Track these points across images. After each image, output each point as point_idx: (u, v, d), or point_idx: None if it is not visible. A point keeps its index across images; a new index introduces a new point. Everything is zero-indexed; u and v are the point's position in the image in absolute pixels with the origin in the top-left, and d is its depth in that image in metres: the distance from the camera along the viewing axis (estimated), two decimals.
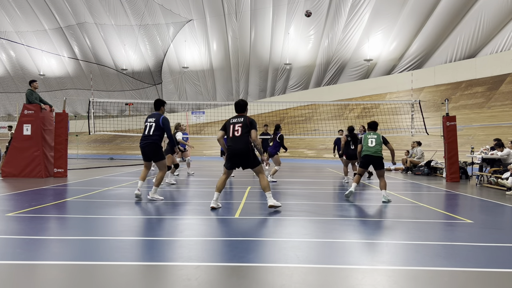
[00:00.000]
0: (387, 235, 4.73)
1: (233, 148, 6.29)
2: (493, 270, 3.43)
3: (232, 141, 6.32)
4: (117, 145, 36.05)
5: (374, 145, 8.33)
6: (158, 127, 7.13)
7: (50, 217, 5.57)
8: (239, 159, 6.33)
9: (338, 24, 27.42)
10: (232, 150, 6.30)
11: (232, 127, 6.38)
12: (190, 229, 4.98)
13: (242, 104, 6.58)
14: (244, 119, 6.41)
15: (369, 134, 8.63)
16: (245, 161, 6.33)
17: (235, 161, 6.36)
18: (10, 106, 40.94)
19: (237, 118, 6.49)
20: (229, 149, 6.37)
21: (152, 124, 7.17)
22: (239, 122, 6.39)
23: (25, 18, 37.40)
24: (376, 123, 8.71)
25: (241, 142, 6.27)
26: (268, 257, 3.77)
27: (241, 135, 6.29)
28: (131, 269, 3.37)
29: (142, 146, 7.19)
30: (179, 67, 36.06)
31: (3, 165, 11.74)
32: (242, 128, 6.31)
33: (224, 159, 8.07)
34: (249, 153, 6.30)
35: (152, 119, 7.21)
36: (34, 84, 12.00)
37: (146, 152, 7.18)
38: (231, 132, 6.35)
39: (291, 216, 5.86)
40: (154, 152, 7.16)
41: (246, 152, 6.27)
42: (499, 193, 8.99)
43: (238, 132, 6.31)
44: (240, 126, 6.34)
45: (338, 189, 9.58)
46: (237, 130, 6.33)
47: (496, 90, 20.14)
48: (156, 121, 7.16)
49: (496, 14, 21.28)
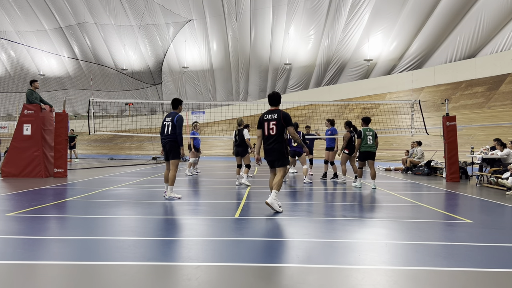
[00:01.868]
0: (387, 235, 4.73)
1: (268, 149, 6.18)
2: (493, 270, 3.43)
3: (266, 141, 6.18)
4: (117, 145, 36.05)
5: (372, 143, 9.56)
6: (175, 126, 7.38)
7: (50, 217, 5.57)
8: (272, 158, 6.20)
9: (338, 24, 27.42)
10: (267, 151, 6.21)
11: (266, 125, 6.19)
12: (190, 229, 4.98)
13: (277, 97, 6.29)
14: (278, 114, 6.14)
15: (366, 130, 9.60)
16: (277, 160, 6.19)
17: (268, 159, 6.26)
18: (10, 106, 40.95)
19: (270, 114, 6.22)
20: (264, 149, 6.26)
21: (169, 123, 7.42)
22: (272, 119, 6.16)
23: (25, 18, 37.40)
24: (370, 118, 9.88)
25: (276, 141, 6.11)
26: (268, 257, 3.76)
27: (276, 134, 6.12)
28: (131, 269, 3.37)
29: (163, 143, 7.46)
30: (179, 67, 36.06)
31: (3, 165, 11.74)
32: (277, 127, 6.10)
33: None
34: (282, 153, 6.15)
35: (169, 118, 7.46)
36: (35, 84, 11.99)
37: (166, 149, 7.43)
38: (266, 130, 6.18)
39: (291, 216, 5.85)
40: (172, 150, 7.38)
41: (280, 152, 6.13)
42: (499, 193, 8.99)
43: (273, 131, 6.12)
44: (274, 124, 6.12)
45: (338, 189, 9.58)
46: (272, 128, 6.13)
47: (496, 90, 20.15)
48: (173, 120, 7.41)
49: (496, 14, 21.28)
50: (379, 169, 17.12)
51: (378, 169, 17.19)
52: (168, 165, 7.50)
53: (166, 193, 7.47)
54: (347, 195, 8.49)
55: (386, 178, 13.01)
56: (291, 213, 6.10)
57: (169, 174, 7.39)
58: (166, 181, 7.51)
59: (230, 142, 28.44)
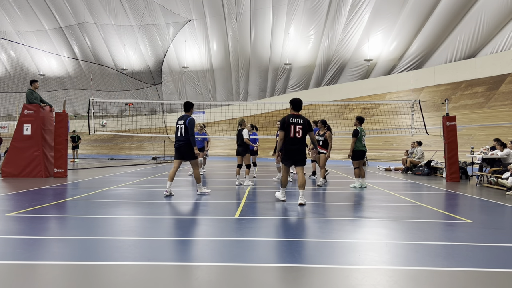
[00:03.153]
0: (387, 235, 4.73)
1: (294, 149, 6.83)
2: (493, 270, 3.43)
3: (293, 143, 6.82)
4: (117, 145, 36.05)
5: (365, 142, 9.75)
6: (187, 128, 7.71)
7: (50, 217, 5.57)
8: (298, 157, 6.86)
9: (338, 24, 27.42)
10: (294, 151, 6.84)
11: (293, 128, 6.81)
12: (190, 229, 4.98)
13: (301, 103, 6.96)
14: (304, 120, 6.89)
15: (362, 130, 9.68)
16: (302, 159, 6.91)
17: (295, 159, 6.88)
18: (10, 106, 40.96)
19: (296, 118, 6.88)
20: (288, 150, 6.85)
21: (182, 126, 7.77)
22: (299, 123, 6.85)
23: (25, 18, 37.40)
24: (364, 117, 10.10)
25: (301, 143, 6.86)
26: (268, 257, 3.76)
27: (302, 137, 6.87)
28: (131, 269, 3.37)
29: (177, 146, 7.80)
30: (179, 67, 36.06)
31: (3, 165, 11.73)
32: (303, 131, 6.85)
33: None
34: (305, 153, 6.99)
35: (181, 121, 7.79)
36: (35, 85, 11.99)
37: (181, 151, 7.80)
38: (292, 133, 6.81)
39: (291, 216, 5.86)
40: (188, 151, 7.77)
41: (304, 153, 6.94)
42: (499, 193, 8.99)
43: (299, 134, 6.83)
44: (300, 128, 6.84)
45: (337, 189, 9.58)
46: (298, 132, 6.82)
47: (496, 90, 20.15)
48: (185, 123, 7.74)
49: (496, 14, 21.28)
50: (379, 169, 17.12)
51: (378, 169, 17.19)
52: (178, 164, 7.90)
53: (166, 191, 7.74)
54: (347, 195, 8.49)
55: (386, 178, 13.01)
56: (291, 213, 6.10)
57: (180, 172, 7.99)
58: (170, 179, 7.79)
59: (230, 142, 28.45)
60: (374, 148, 22.06)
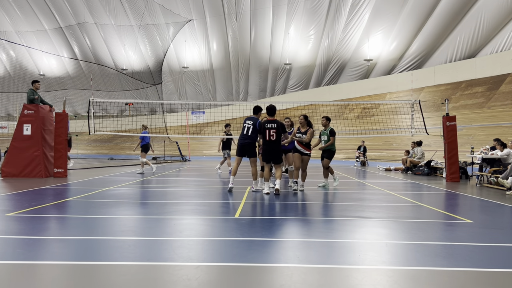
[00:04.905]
0: (387, 235, 4.73)
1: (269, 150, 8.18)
2: (493, 270, 3.43)
3: (268, 145, 8.15)
4: (117, 145, 36.04)
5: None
6: (255, 129, 8.41)
7: (50, 217, 5.57)
8: (273, 156, 8.21)
9: (338, 24, 27.41)
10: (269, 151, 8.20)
11: (268, 132, 8.10)
12: (190, 229, 4.98)
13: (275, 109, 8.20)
14: (277, 124, 8.09)
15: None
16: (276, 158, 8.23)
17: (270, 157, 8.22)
18: (10, 106, 40.97)
19: (271, 123, 8.11)
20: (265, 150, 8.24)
21: (250, 126, 8.44)
22: (273, 128, 8.08)
23: (25, 18, 37.39)
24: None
25: (275, 145, 8.14)
26: (268, 257, 3.76)
27: (276, 139, 8.10)
28: (131, 269, 3.37)
29: (242, 144, 8.47)
30: (179, 67, 36.05)
31: (3, 165, 11.73)
32: (277, 134, 8.06)
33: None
34: (280, 153, 8.27)
35: (250, 122, 8.47)
36: (36, 85, 12.00)
37: (245, 149, 8.49)
38: (267, 136, 8.11)
39: (291, 216, 5.86)
40: (250, 150, 8.51)
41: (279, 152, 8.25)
42: (499, 193, 8.99)
43: (274, 137, 8.08)
44: (274, 131, 8.07)
45: (337, 188, 9.57)
46: (272, 135, 8.06)
47: (496, 90, 20.14)
48: (254, 124, 8.42)
49: (496, 14, 21.27)
50: (379, 169, 17.12)
51: (378, 169, 17.19)
52: (239, 161, 8.57)
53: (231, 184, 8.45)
54: (347, 195, 8.49)
55: (386, 178, 13.01)
56: (291, 213, 6.11)
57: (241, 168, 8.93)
58: (233, 174, 8.57)
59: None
60: (374, 148, 22.06)
